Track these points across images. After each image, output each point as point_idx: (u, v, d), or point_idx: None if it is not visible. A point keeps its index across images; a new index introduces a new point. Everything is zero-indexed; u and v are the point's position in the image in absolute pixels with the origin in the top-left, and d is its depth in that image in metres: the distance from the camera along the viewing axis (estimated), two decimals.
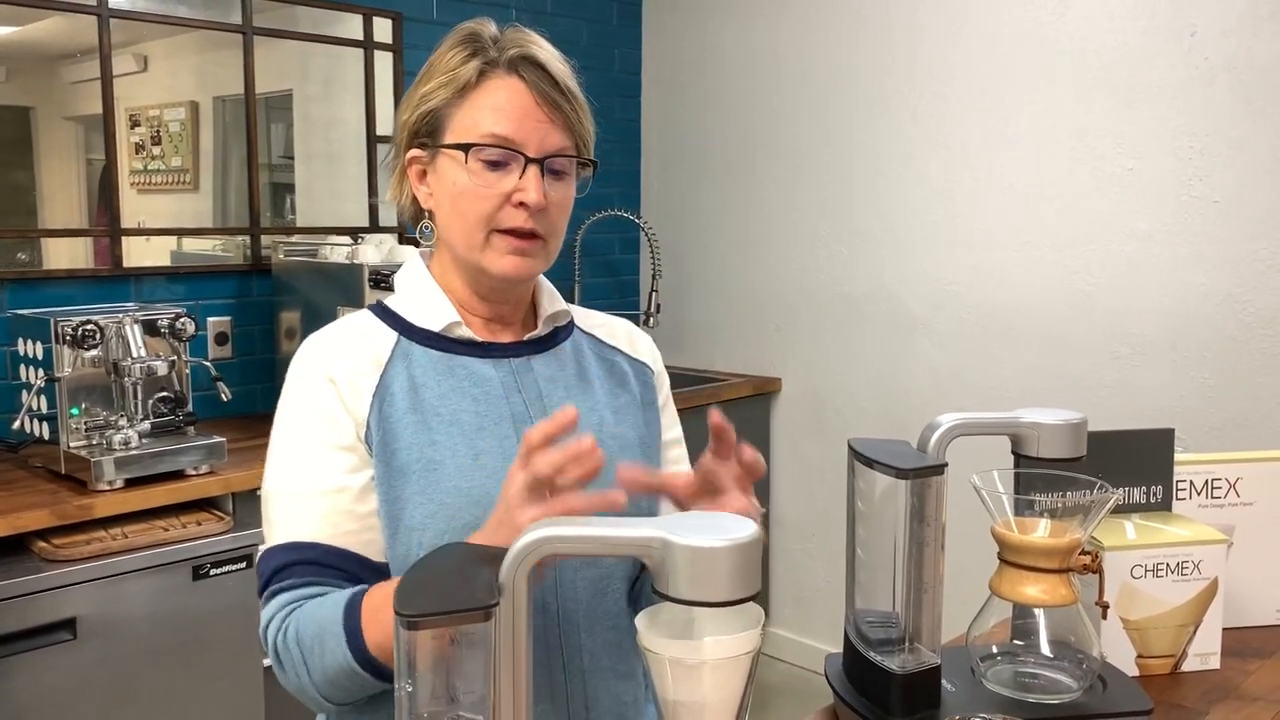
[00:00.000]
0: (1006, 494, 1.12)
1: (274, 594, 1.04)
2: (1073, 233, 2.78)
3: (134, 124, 2.72)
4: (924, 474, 1.06)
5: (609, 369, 1.24)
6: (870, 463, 1.09)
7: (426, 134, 1.12)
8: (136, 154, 2.72)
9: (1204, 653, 1.27)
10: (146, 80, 2.72)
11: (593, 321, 1.28)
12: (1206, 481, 1.38)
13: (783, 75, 3.36)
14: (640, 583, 1.19)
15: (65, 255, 2.55)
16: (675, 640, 0.71)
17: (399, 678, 0.69)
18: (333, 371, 1.09)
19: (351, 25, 2.99)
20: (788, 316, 3.42)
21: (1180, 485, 1.37)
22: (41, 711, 1.88)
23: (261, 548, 1.09)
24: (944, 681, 1.14)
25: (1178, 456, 1.36)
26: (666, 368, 1.32)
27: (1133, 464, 1.34)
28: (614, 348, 1.26)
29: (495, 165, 1.08)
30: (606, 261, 3.72)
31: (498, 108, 1.08)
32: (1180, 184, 2.60)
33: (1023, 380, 2.88)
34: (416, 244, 1.21)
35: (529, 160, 1.08)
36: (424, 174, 1.14)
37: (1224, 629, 1.36)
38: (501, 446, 1.09)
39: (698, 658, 0.70)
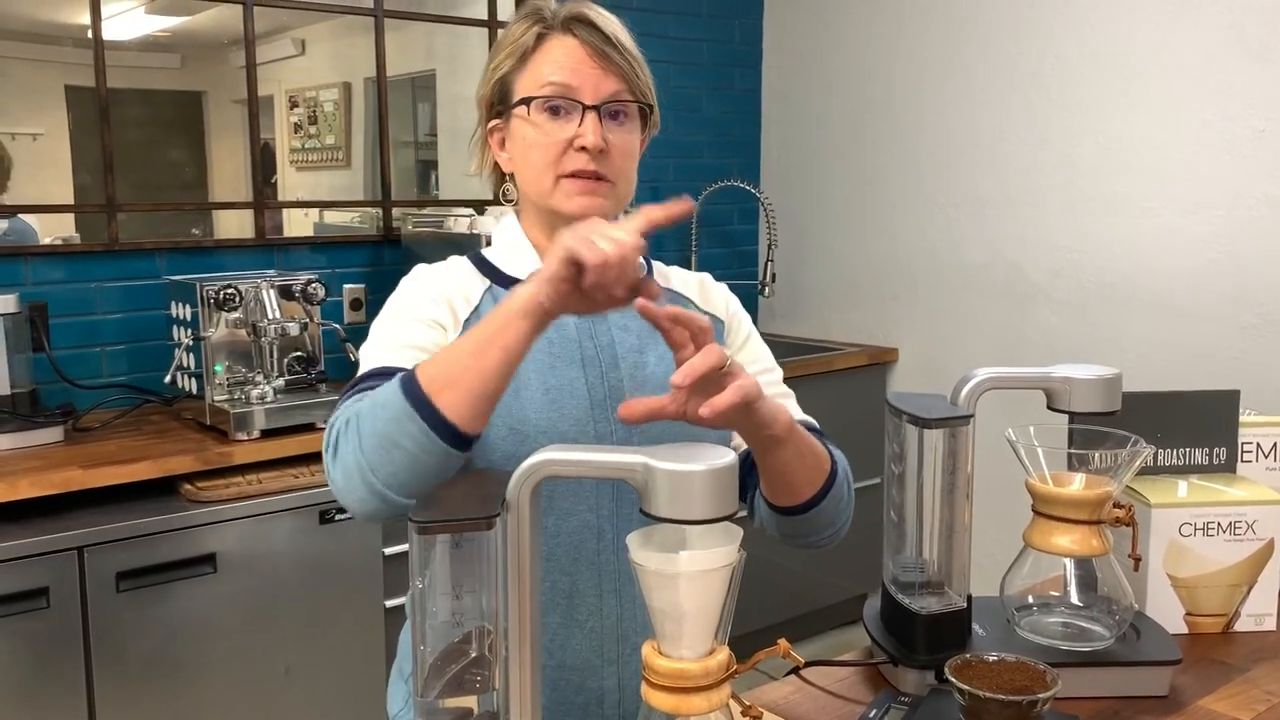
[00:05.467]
0: (1040, 447, 1.14)
1: (350, 397, 1.08)
2: (1199, 198, 2.68)
3: (293, 105, 2.92)
4: (948, 424, 1.10)
5: None
6: (900, 414, 1.13)
7: (500, 102, 1.23)
8: (295, 133, 2.92)
9: (1258, 613, 1.26)
10: (304, 64, 2.91)
11: (666, 273, 1.35)
12: (1275, 444, 1.36)
13: (903, 41, 3.33)
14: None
15: (235, 227, 2.77)
16: (657, 554, 0.79)
17: (412, 577, 0.80)
18: (437, 288, 1.21)
19: (477, 6, 3.13)
20: (904, 285, 3.40)
21: (1246, 448, 1.35)
22: (187, 634, 2.10)
23: None
24: (975, 626, 1.18)
25: (1243, 419, 1.34)
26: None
27: (1196, 425, 1.33)
28: (687, 298, 1.31)
29: (556, 112, 1.17)
30: (724, 232, 3.77)
31: (554, 61, 1.18)
32: None
33: (1142, 350, 2.80)
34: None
35: (586, 107, 1.16)
36: (504, 141, 1.24)
37: None
38: (570, 385, 1.19)
39: (674, 569, 0.78)
